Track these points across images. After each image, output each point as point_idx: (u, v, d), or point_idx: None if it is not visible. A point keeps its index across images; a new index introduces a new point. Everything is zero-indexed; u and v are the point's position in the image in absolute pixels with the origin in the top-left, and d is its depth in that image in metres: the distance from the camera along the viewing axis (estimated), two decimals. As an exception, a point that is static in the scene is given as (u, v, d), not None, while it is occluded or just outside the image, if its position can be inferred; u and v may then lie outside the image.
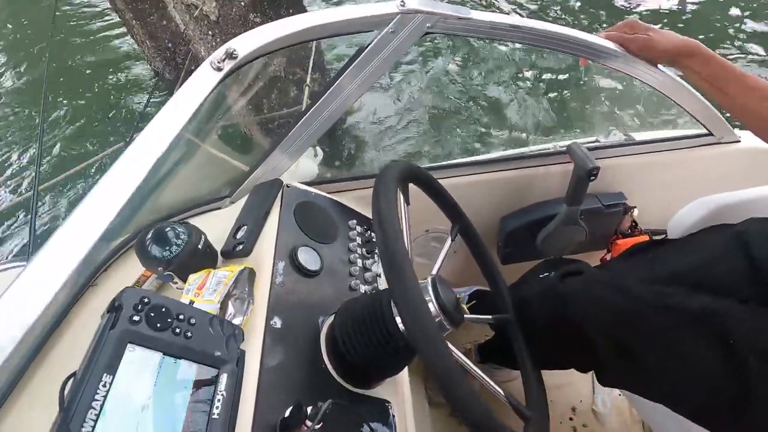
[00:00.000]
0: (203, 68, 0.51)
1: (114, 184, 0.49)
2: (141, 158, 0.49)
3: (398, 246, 0.50)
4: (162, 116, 0.50)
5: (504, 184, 1.10)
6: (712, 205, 0.86)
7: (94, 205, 0.49)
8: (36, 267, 0.50)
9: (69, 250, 0.50)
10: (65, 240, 0.51)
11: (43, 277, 0.50)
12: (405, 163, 0.67)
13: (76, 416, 0.38)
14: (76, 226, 0.49)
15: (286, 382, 0.60)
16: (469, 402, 0.44)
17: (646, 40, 0.80)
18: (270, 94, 2.10)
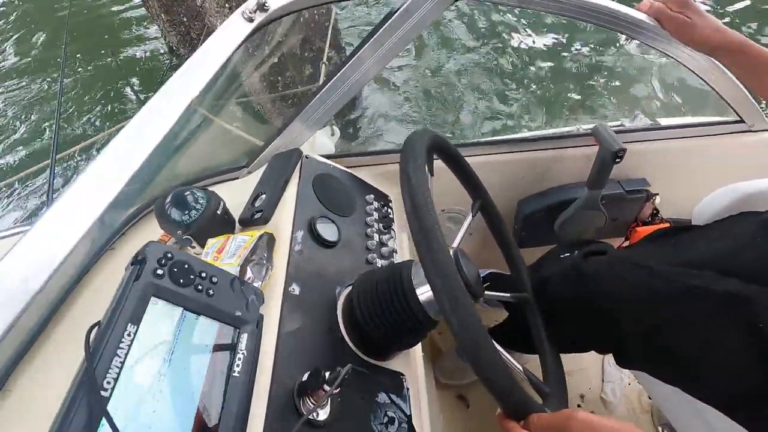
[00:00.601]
0: (234, 17, 0.50)
1: (137, 137, 0.48)
2: (170, 105, 0.48)
3: (428, 210, 0.48)
4: (191, 63, 0.49)
5: (524, 165, 1.08)
6: (739, 192, 0.84)
7: (121, 147, 0.48)
8: (55, 214, 0.49)
9: (91, 195, 0.49)
10: (87, 185, 0.50)
11: (63, 224, 0.49)
12: (433, 132, 0.66)
13: (101, 363, 0.37)
14: (100, 172, 0.48)
15: (304, 348, 0.60)
16: (495, 367, 0.43)
17: (686, 23, 0.75)
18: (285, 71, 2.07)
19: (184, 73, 0.48)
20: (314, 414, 0.53)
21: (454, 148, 0.71)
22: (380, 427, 0.60)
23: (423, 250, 0.45)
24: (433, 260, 0.44)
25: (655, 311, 0.67)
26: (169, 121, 0.47)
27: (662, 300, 0.66)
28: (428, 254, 0.45)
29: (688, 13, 0.75)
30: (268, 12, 0.50)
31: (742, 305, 0.63)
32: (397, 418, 0.63)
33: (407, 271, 0.63)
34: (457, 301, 0.43)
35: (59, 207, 0.47)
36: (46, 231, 0.47)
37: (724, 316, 0.64)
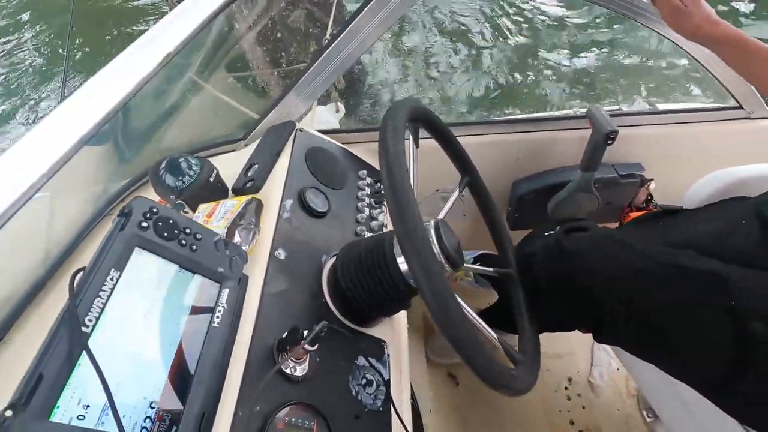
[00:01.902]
0: None
1: (134, 58, 0.48)
2: (151, 50, 0.49)
3: (403, 180, 0.50)
4: (181, 8, 0.49)
5: (519, 146, 1.08)
6: (730, 177, 0.84)
7: (113, 73, 0.49)
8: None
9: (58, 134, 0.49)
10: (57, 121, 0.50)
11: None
12: (417, 102, 0.67)
13: (83, 302, 0.40)
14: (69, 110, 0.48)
15: (286, 309, 0.62)
16: (461, 330, 0.45)
17: (680, 10, 0.73)
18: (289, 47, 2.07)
19: (170, 20, 0.49)
20: (292, 369, 0.56)
21: (440, 122, 0.72)
22: (357, 388, 0.62)
23: (393, 208, 0.46)
24: (402, 217, 0.46)
25: (634, 288, 0.68)
26: (147, 66, 0.48)
27: (641, 277, 0.67)
28: (398, 213, 0.46)
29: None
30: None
31: (720, 284, 0.64)
32: (375, 381, 0.65)
33: (390, 241, 0.65)
34: (420, 255, 0.44)
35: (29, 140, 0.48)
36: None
37: (701, 294, 0.65)
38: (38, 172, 0.45)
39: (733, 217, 0.75)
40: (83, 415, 0.36)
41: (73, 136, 0.47)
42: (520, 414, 1.27)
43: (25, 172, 0.45)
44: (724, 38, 0.70)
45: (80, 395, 0.37)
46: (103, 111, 0.47)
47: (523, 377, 0.56)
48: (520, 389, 0.55)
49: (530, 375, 0.59)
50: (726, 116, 1.04)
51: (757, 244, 0.69)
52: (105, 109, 0.47)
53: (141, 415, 0.41)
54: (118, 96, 0.48)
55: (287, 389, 0.54)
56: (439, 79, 2.99)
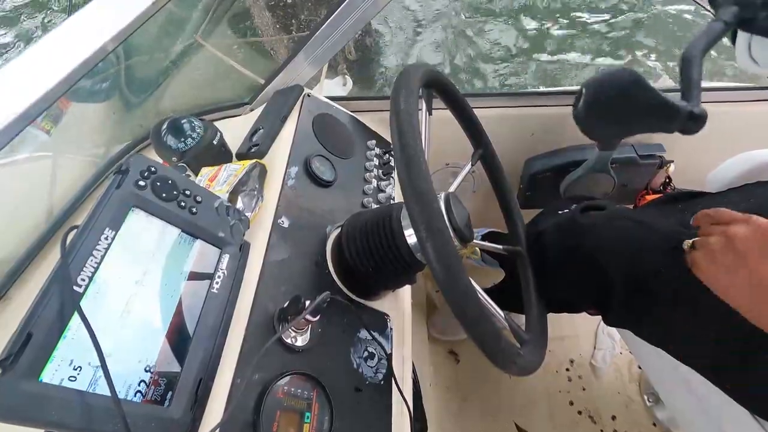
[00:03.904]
0: None
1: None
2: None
3: (415, 143, 0.47)
4: None
5: (534, 122, 1.04)
6: (756, 160, 0.79)
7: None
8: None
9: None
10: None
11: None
12: (431, 67, 0.63)
13: (75, 261, 0.38)
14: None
15: (289, 278, 0.60)
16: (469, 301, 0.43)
17: None
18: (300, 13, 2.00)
19: None
20: (293, 339, 0.54)
21: (454, 87, 0.68)
22: (359, 360, 0.61)
23: (403, 174, 0.44)
24: (413, 186, 0.43)
25: (647, 268, 0.65)
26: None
27: (656, 257, 0.65)
28: (408, 179, 0.43)
29: None
30: None
31: None
32: (377, 354, 0.64)
33: (397, 212, 0.62)
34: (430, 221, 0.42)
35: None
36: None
37: None
38: (38, 93, 0.42)
39: (760, 202, 0.71)
40: (74, 376, 0.35)
41: (67, 67, 0.44)
42: (519, 393, 1.27)
43: (25, 91, 0.42)
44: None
45: (72, 356, 0.35)
46: (102, 39, 0.44)
47: (528, 356, 0.55)
48: (526, 368, 0.53)
49: (536, 355, 0.58)
50: (757, 96, 0.98)
51: None
52: (100, 41, 0.44)
53: (135, 378, 0.39)
54: (113, 30, 0.44)
55: (287, 359, 0.53)
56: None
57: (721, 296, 0.53)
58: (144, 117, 0.85)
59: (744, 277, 0.50)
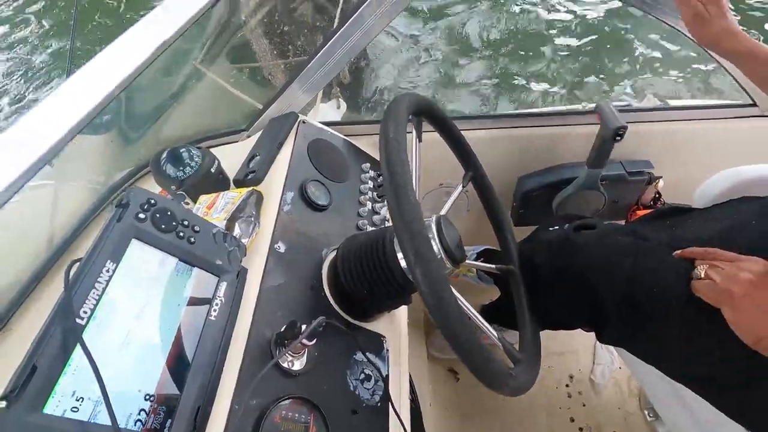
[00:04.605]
0: None
1: (122, 51, 0.48)
2: (148, 36, 0.48)
3: (403, 173, 0.49)
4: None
5: (525, 141, 1.07)
6: (740, 177, 0.82)
7: (101, 65, 0.48)
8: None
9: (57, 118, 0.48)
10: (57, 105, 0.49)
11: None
12: (420, 95, 0.65)
13: (78, 294, 0.39)
14: (68, 93, 0.48)
15: (285, 303, 0.61)
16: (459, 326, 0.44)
17: (703, 17, 0.69)
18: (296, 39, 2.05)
19: (167, 5, 0.49)
20: (289, 363, 0.55)
21: (444, 115, 0.71)
22: (355, 383, 0.62)
23: (392, 203, 0.46)
24: (402, 215, 0.45)
25: (638, 286, 0.66)
26: (145, 52, 0.47)
27: (643, 273, 0.66)
28: (397, 208, 0.45)
29: (709, 5, 0.69)
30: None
31: None
32: (373, 376, 0.65)
33: (390, 235, 0.64)
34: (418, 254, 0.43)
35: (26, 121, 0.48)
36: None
37: None
38: (35, 155, 0.44)
39: (743, 218, 0.73)
40: (76, 407, 0.36)
41: (69, 121, 0.46)
42: (520, 410, 1.27)
43: (22, 155, 0.44)
44: (743, 53, 0.68)
45: (74, 387, 0.37)
46: (100, 96, 0.46)
47: (521, 377, 0.56)
48: (518, 389, 0.54)
49: (529, 374, 0.59)
50: (739, 113, 1.01)
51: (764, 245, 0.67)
52: (102, 94, 0.46)
53: (135, 407, 0.40)
54: (114, 82, 0.47)
55: (284, 383, 0.54)
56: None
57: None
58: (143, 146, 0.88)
59: None
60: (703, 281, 0.59)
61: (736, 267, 0.58)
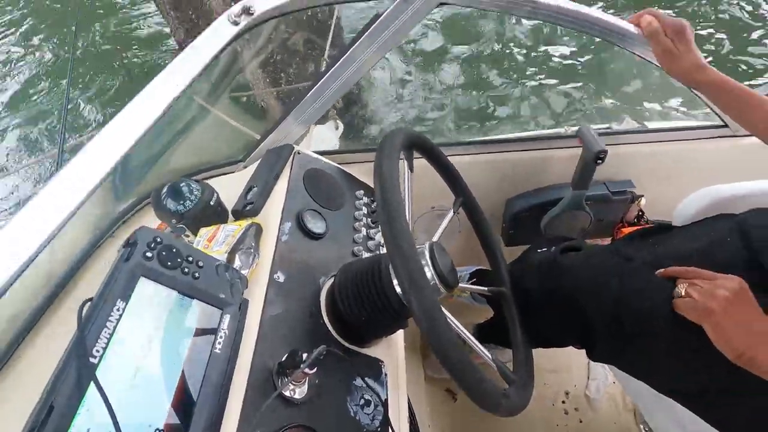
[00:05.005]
0: (220, 20, 0.54)
1: (120, 128, 0.52)
2: (150, 105, 0.52)
3: (397, 207, 0.52)
4: (175, 64, 0.53)
5: (512, 165, 1.11)
6: (716, 196, 0.86)
7: (100, 147, 0.51)
8: (50, 192, 0.52)
9: (81, 180, 0.51)
10: (79, 170, 0.52)
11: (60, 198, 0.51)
12: (410, 130, 0.69)
13: (91, 333, 0.41)
14: (81, 167, 0.51)
15: (286, 332, 0.63)
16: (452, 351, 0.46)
17: (672, 52, 0.75)
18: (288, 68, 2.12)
19: (168, 73, 0.52)
20: (291, 392, 0.57)
21: (433, 146, 0.75)
22: (356, 408, 0.64)
23: (390, 245, 0.49)
24: (396, 245, 0.48)
25: (622, 304, 0.69)
26: (150, 118, 0.51)
27: (629, 294, 0.69)
28: (391, 238, 0.48)
29: (678, 43, 0.75)
30: (253, 15, 0.54)
31: None
32: (373, 401, 0.67)
33: (386, 262, 0.67)
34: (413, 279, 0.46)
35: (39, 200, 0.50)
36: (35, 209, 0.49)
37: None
38: (35, 243, 0.46)
39: (719, 235, 0.77)
40: (91, 444, 0.38)
41: (69, 205, 0.49)
42: (517, 428, 1.27)
43: (21, 245, 0.46)
44: (710, 84, 0.73)
45: (89, 425, 0.38)
46: (102, 173, 0.49)
47: (515, 397, 0.58)
48: (512, 409, 0.56)
49: (523, 395, 0.61)
50: (711, 134, 1.07)
51: (742, 262, 0.71)
52: (103, 172, 0.49)
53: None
54: (123, 150, 0.50)
55: (286, 412, 0.55)
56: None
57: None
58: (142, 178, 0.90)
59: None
60: (684, 299, 0.63)
61: (714, 285, 0.61)
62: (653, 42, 0.76)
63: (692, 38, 0.74)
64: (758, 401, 0.63)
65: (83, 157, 0.50)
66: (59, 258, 0.81)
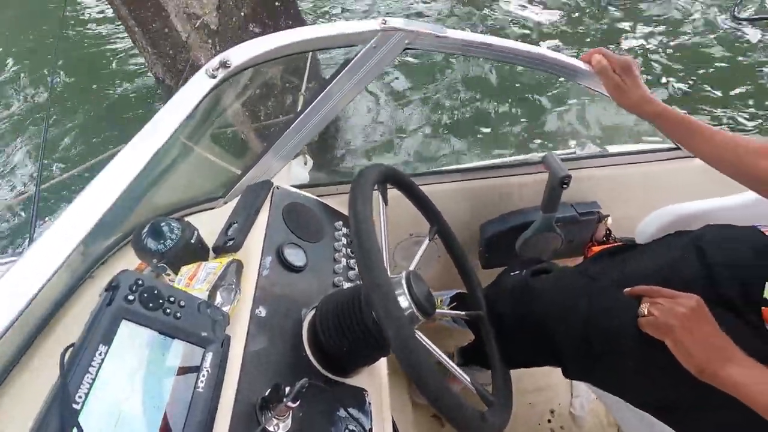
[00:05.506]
0: (198, 75, 0.57)
1: (108, 182, 0.54)
2: (134, 158, 0.54)
3: (371, 242, 0.55)
4: (157, 119, 0.56)
5: (485, 191, 1.16)
6: (673, 214, 0.92)
7: (87, 201, 0.54)
8: (31, 255, 0.54)
9: (63, 240, 0.53)
10: (60, 231, 0.55)
11: (38, 264, 0.54)
12: (384, 165, 0.73)
13: (74, 379, 0.42)
14: (70, 220, 0.53)
15: (268, 366, 0.64)
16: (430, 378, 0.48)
17: (621, 87, 0.82)
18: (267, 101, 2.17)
19: (151, 127, 0.55)
20: (275, 426, 0.58)
21: (407, 178, 0.79)
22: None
23: (365, 280, 0.51)
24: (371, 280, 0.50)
25: (590, 325, 0.73)
26: (133, 171, 0.53)
27: (598, 314, 0.73)
28: (366, 272, 0.51)
29: (625, 78, 0.81)
30: (230, 68, 0.58)
31: None
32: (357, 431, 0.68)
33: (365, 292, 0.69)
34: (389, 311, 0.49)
35: (35, 249, 0.52)
36: (24, 269, 0.51)
37: None
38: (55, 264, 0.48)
39: (676, 252, 0.82)
40: (74, 491, 0.38)
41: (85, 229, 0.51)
42: (505, 451, 1.28)
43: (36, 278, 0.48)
44: (657, 116, 0.81)
45: (71, 471, 0.39)
46: (86, 230, 0.51)
47: (492, 419, 0.60)
48: (492, 431, 0.58)
49: (501, 416, 0.63)
50: (668, 156, 1.14)
51: (701, 278, 0.76)
52: (91, 224, 0.52)
53: (129, 486, 0.42)
54: (108, 203, 0.52)
55: (271, 447, 0.56)
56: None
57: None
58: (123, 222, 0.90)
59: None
60: (646, 317, 0.67)
61: (673, 303, 0.65)
62: (604, 78, 0.83)
63: (638, 74, 0.82)
64: (720, 416, 0.66)
65: (68, 215, 0.52)
66: (38, 300, 0.80)
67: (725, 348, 0.61)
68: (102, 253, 0.89)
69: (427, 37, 0.75)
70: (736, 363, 0.59)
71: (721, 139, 0.76)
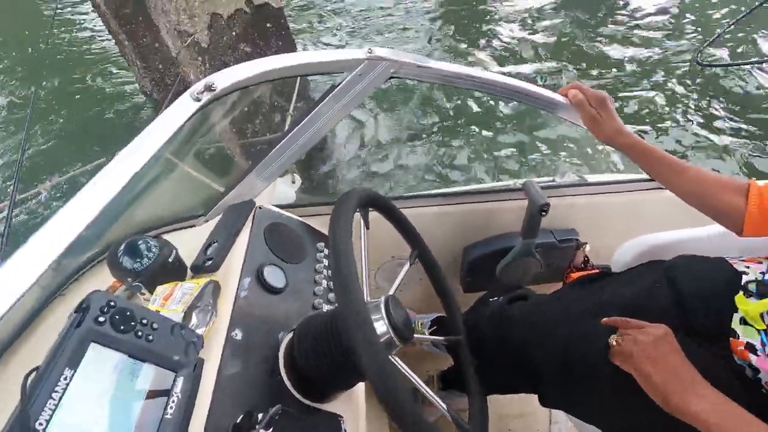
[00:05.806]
0: (183, 98, 0.58)
1: (87, 200, 0.53)
2: (115, 177, 0.54)
3: (349, 267, 0.55)
4: (140, 139, 0.56)
5: (467, 216, 1.18)
6: (646, 244, 0.95)
7: (66, 217, 0.53)
8: (3, 273, 0.53)
9: (37, 258, 0.53)
10: (35, 248, 0.54)
11: (9, 282, 0.53)
12: (365, 189, 0.74)
13: (35, 405, 0.41)
14: (46, 237, 0.52)
15: (242, 391, 0.63)
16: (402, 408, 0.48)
17: (596, 119, 0.85)
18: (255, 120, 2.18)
19: (133, 147, 0.55)
20: (246, 455, 0.56)
21: (388, 202, 0.80)
22: (313, 468, 0.63)
23: (341, 307, 0.51)
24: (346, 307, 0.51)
25: (568, 353, 0.74)
26: (112, 191, 0.53)
27: (576, 342, 0.74)
28: (343, 299, 0.51)
29: (601, 111, 0.85)
30: (215, 92, 0.59)
31: None
32: (332, 459, 0.66)
33: (343, 317, 0.69)
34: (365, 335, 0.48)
35: (8, 266, 0.51)
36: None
37: None
38: (28, 283, 0.47)
39: (649, 282, 0.84)
40: None
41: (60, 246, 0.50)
42: (485, 478, 1.26)
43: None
44: (630, 148, 0.84)
45: (26, 503, 0.37)
46: (62, 247, 0.51)
47: None
48: None
49: None
50: (642, 187, 1.18)
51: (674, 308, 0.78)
52: (63, 246, 0.51)
53: None
54: (84, 224, 0.52)
55: (241, 477, 0.54)
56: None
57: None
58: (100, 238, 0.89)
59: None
60: (615, 348, 0.68)
61: (639, 332, 0.67)
62: (580, 110, 0.87)
63: (613, 107, 0.86)
64: None
65: (45, 232, 0.51)
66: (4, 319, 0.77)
67: (690, 379, 0.60)
68: (75, 269, 0.87)
69: (410, 67, 0.78)
70: (701, 396, 0.59)
71: (692, 174, 0.79)
